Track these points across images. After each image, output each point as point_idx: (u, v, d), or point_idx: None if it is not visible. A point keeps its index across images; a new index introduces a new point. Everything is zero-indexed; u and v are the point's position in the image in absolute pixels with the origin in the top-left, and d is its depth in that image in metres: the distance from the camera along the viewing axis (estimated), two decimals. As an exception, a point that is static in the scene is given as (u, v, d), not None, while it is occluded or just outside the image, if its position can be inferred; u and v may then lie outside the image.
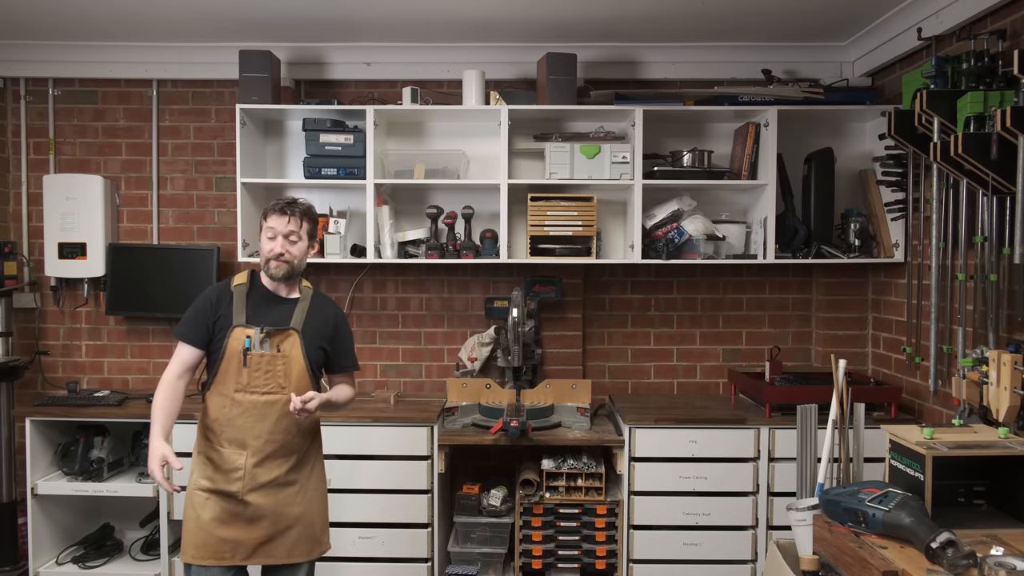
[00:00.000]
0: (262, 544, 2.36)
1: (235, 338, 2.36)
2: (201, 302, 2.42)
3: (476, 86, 3.49)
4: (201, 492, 2.35)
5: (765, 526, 3.21)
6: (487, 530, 3.36)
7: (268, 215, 2.41)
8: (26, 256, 3.86)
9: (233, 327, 2.36)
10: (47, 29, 3.54)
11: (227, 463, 2.34)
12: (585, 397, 3.53)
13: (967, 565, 1.72)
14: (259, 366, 2.35)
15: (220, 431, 2.36)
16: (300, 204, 2.45)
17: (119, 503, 3.66)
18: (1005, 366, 2.33)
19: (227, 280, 2.47)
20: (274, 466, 2.37)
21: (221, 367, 2.36)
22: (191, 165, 3.88)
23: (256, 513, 2.35)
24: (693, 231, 3.41)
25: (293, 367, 2.39)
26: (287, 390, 2.36)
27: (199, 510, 2.34)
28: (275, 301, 2.45)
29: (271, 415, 2.36)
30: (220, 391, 2.36)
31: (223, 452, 2.35)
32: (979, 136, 2.45)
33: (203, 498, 2.34)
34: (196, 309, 2.41)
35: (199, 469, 2.38)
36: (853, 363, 3.60)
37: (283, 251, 2.39)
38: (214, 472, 2.35)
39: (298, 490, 2.42)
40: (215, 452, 2.36)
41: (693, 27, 3.43)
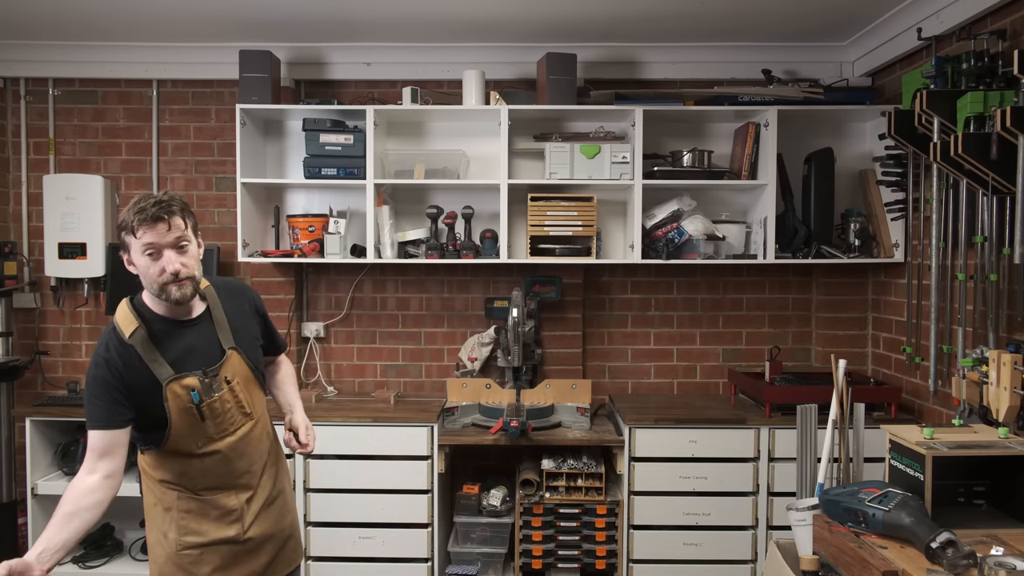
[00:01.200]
0: (269, 565, 2.10)
1: (174, 396, 1.88)
2: (100, 379, 1.85)
3: (476, 86, 3.49)
4: (190, 551, 1.96)
5: (765, 526, 3.21)
6: (487, 530, 3.36)
7: (137, 230, 1.83)
8: (26, 256, 3.86)
9: (165, 385, 1.87)
10: (47, 29, 3.54)
11: (216, 508, 1.98)
12: (585, 397, 3.53)
13: (967, 565, 1.72)
14: (218, 411, 1.94)
15: (193, 483, 1.96)
16: (171, 199, 1.88)
17: (119, 503, 3.60)
18: (1005, 366, 2.33)
19: (111, 335, 1.90)
20: (263, 490, 2.08)
21: (171, 433, 1.90)
22: (191, 165, 3.88)
23: (258, 543, 2.06)
24: (693, 231, 3.41)
25: (248, 387, 2.03)
26: (254, 413, 2.04)
27: (192, 569, 1.96)
28: (186, 328, 1.96)
29: (249, 446, 2.02)
30: (178, 451, 1.93)
31: (207, 499, 1.97)
32: (979, 136, 2.45)
33: (195, 555, 1.96)
34: (97, 388, 1.84)
35: (175, 528, 1.96)
36: (853, 363, 3.60)
37: (179, 266, 1.87)
38: (198, 522, 1.97)
39: (283, 499, 2.17)
40: (195, 502, 1.96)
41: (693, 27, 3.43)
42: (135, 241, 1.86)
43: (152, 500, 2.00)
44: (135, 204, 1.87)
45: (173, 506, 1.97)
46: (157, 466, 1.97)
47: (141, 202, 1.86)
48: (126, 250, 1.91)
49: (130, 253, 1.90)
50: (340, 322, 3.83)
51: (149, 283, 1.90)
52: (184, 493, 1.96)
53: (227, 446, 1.97)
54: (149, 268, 1.88)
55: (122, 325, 1.91)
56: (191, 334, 1.96)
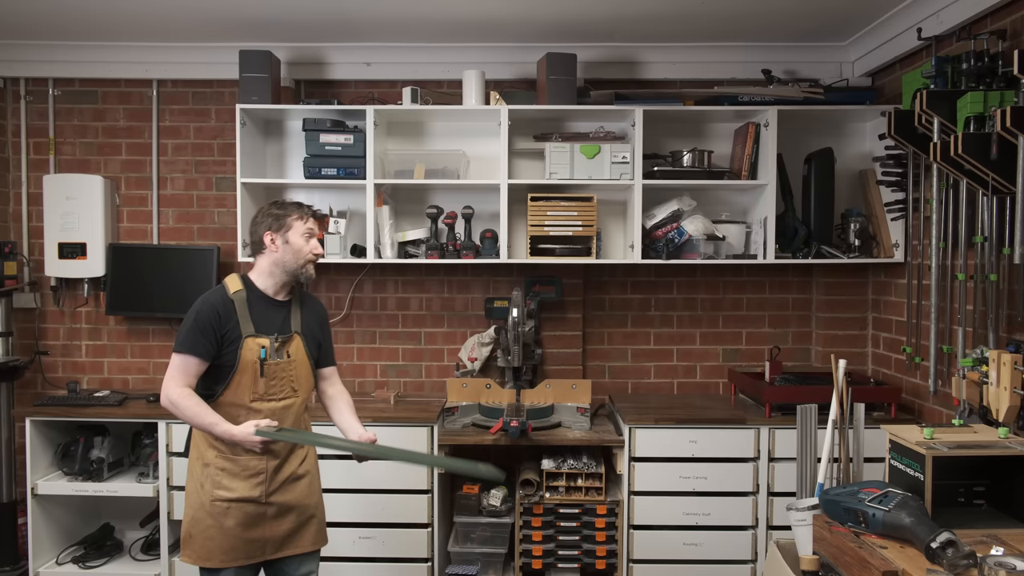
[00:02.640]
0: (289, 536, 2.39)
1: (248, 349, 2.30)
2: (204, 315, 2.28)
3: (476, 86, 3.49)
4: (220, 503, 2.29)
5: (765, 526, 3.21)
6: (487, 530, 3.36)
7: (306, 217, 2.40)
8: (26, 256, 3.86)
9: (244, 338, 2.30)
10: (47, 29, 3.54)
11: (247, 469, 2.31)
12: (585, 397, 3.53)
13: (967, 565, 1.72)
14: (275, 374, 2.34)
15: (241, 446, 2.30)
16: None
17: (119, 503, 3.67)
18: (1005, 366, 2.33)
19: (220, 289, 2.36)
20: (289, 465, 2.40)
21: (234, 379, 2.30)
22: (191, 165, 3.88)
23: (280, 510, 2.37)
24: (693, 231, 3.41)
25: (301, 370, 2.43)
26: (299, 393, 2.42)
27: (220, 519, 2.29)
28: (274, 305, 2.41)
29: (287, 419, 2.38)
30: (232, 402, 2.31)
31: (240, 459, 2.31)
32: (979, 136, 2.45)
33: (223, 507, 2.30)
34: (200, 322, 2.27)
35: (210, 482, 2.30)
36: (853, 363, 3.60)
37: (322, 251, 2.49)
38: (230, 480, 2.30)
39: (310, 481, 2.47)
40: (229, 461, 2.31)
41: (693, 27, 3.43)
42: (300, 224, 2.38)
43: (195, 455, 2.34)
44: (294, 202, 2.44)
45: (211, 463, 2.31)
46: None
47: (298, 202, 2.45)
48: (281, 229, 2.36)
49: (287, 232, 2.36)
50: (340, 322, 3.83)
51: (300, 258, 2.38)
52: (224, 454, 2.30)
53: (270, 409, 2.34)
54: (304, 246, 2.39)
55: (230, 285, 2.37)
56: (275, 311, 2.40)
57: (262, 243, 2.39)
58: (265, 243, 2.38)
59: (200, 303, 2.32)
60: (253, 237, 2.42)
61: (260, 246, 2.39)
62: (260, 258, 2.41)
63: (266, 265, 2.39)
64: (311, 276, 2.44)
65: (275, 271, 2.39)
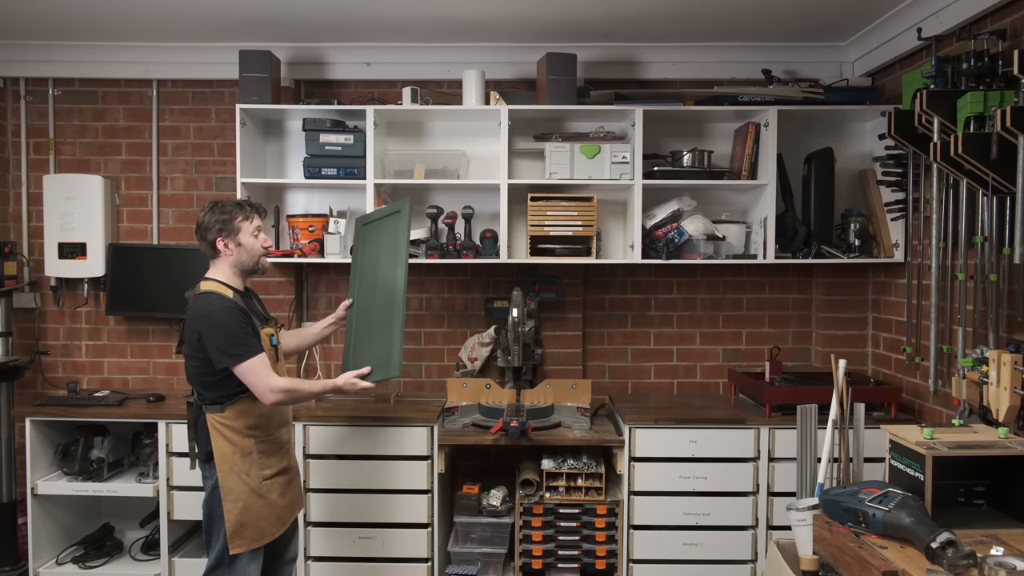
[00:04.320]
0: (299, 495, 2.71)
1: (263, 340, 2.50)
2: (236, 319, 2.43)
3: (476, 86, 3.49)
4: (267, 481, 2.52)
5: (765, 526, 3.21)
6: (487, 530, 3.36)
7: (251, 216, 2.54)
8: (26, 256, 3.86)
9: (260, 330, 2.51)
10: (47, 29, 3.54)
11: (281, 443, 2.60)
12: (585, 397, 3.53)
13: (967, 565, 1.72)
14: (279, 356, 2.64)
15: (270, 421, 2.55)
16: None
17: (119, 503, 3.67)
18: (1005, 366, 2.33)
19: (218, 296, 2.45)
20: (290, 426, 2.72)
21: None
22: (191, 165, 3.88)
23: (294, 472, 2.69)
24: (693, 231, 3.41)
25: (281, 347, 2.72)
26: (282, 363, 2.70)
27: (268, 495, 2.52)
28: (248, 298, 2.61)
29: None
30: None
31: (272, 436, 2.56)
32: (979, 136, 2.45)
33: (269, 484, 2.52)
34: (240, 325, 2.42)
35: (256, 467, 2.49)
36: (853, 363, 3.60)
37: (271, 243, 2.64)
38: (269, 458, 2.54)
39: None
40: (267, 442, 2.54)
41: (693, 27, 3.43)
42: (248, 225, 2.52)
43: (230, 450, 2.46)
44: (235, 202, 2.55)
45: (252, 450, 2.49)
46: (241, 415, 2.47)
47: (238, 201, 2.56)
48: (231, 233, 2.49)
49: (237, 235, 2.50)
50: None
51: (251, 256, 2.54)
52: (260, 437, 2.51)
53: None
54: (255, 244, 2.54)
55: (222, 291, 2.48)
56: (254, 303, 2.63)
57: (216, 249, 2.51)
58: (219, 249, 2.51)
59: (222, 313, 2.41)
60: (204, 246, 2.53)
61: (215, 252, 2.52)
62: (218, 263, 2.54)
63: (227, 268, 2.54)
64: (267, 268, 2.63)
65: (236, 271, 2.55)
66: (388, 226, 2.91)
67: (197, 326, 2.42)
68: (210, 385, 2.45)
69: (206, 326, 2.40)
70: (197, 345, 2.43)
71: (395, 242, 2.83)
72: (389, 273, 2.79)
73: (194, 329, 2.43)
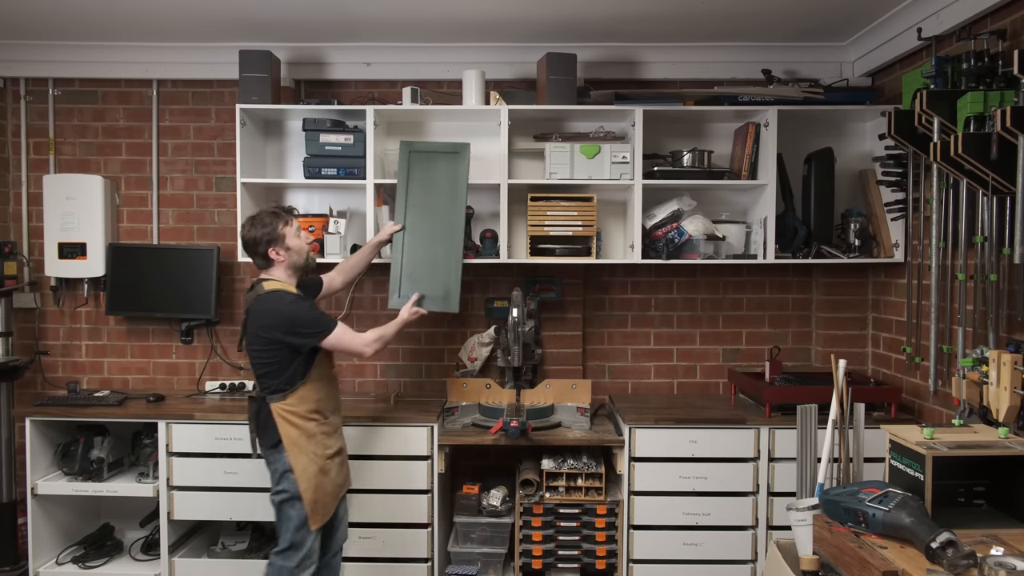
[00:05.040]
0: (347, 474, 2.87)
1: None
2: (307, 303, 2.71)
3: (476, 86, 3.49)
4: (329, 460, 2.71)
5: (765, 526, 3.21)
6: (487, 530, 3.36)
7: (290, 221, 2.74)
8: (26, 256, 3.86)
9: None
10: (47, 29, 3.54)
11: (335, 426, 2.80)
12: (585, 397, 3.54)
13: (967, 565, 1.72)
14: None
15: (326, 406, 2.74)
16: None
17: (119, 503, 3.67)
18: (1005, 366, 2.33)
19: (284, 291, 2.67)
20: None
21: (321, 355, 2.73)
22: (191, 165, 3.88)
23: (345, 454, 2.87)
24: (693, 231, 3.41)
25: None
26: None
27: (331, 473, 2.72)
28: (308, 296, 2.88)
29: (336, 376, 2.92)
30: (320, 374, 2.72)
31: (330, 420, 2.76)
32: (979, 136, 2.45)
33: (331, 463, 2.73)
34: (312, 308, 2.71)
35: (320, 447, 2.69)
36: (853, 363, 3.60)
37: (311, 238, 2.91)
38: (328, 439, 2.73)
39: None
40: (326, 425, 2.73)
41: (693, 27, 3.43)
42: (290, 229, 2.72)
43: (296, 434, 2.65)
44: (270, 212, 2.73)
45: (316, 432, 2.69)
46: (304, 400, 2.67)
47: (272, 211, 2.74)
48: (278, 241, 2.69)
49: (284, 241, 2.70)
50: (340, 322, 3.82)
51: (300, 255, 2.75)
52: (321, 420, 2.71)
53: (335, 371, 2.87)
54: (301, 244, 2.75)
55: (286, 288, 2.70)
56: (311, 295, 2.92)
57: (269, 259, 2.71)
58: (272, 258, 2.71)
59: (294, 303, 2.65)
60: (257, 259, 2.73)
61: (269, 261, 2.72)
62: (274, 269, 2.74)
63: (283, 272, 2.74)
64: (315, 262, 2.89)
65: (290, 272, 2.76)
66: (444, 165, 3.14)
67: (271, 320, 2.61)
68: (276, 374, 2.64)
69: (282, 319, 2.61)
70: (269, 338, 2.61)
71: (455, 187, 3.12)
72: (449, 215, 3.09)
73: (267, 325, 2.61)
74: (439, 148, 3.19)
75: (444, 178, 3.13)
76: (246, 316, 2.70)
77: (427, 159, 3.16)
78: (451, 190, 3.11)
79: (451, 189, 3.11)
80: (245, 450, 3.26)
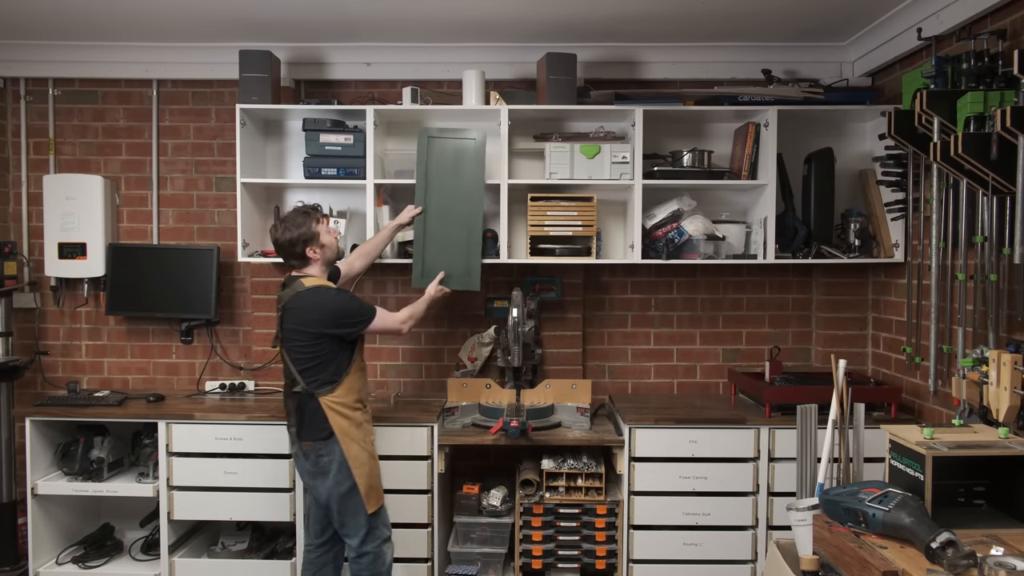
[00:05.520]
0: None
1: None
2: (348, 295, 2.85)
3: (476, 86, 3.49)
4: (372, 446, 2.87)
5: (765, 526, 3.21)
6: (487, 530, 3.36)
7: (320, 219, 2.86)
8: (26, 256, 3.86)
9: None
10: (47, 29, 3.54)
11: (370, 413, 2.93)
12: (585, 397, 3.54)
13: (967, 565, 1.72)
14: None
15: (364, 395, 2.89)
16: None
17: (119, 503, 3.67)
18: (1005, 366, 2.33)
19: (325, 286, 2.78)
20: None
21: (360, 346, 2.87)
22: (191, 165, 3.88)
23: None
24: (693, 231, 3.41)
25: None
26: None
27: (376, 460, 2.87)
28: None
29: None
30: (359, 365, 2.86)
31: (368, 408, 2.91)
32: (979, 136, 2.45)
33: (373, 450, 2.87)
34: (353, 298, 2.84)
35: (365, 435, 2.84)
36: (853, 363, 3.60)
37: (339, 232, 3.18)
38: (369, 426, 2.89)
39: None
40: (366, 413, 2.89)
41: (692, 27, 3.43)
42: (322, 227, 2.84)
43: (347, 424, 2.77)
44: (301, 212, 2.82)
45: (362, 420, 2.85)
46: (350, 391, 2.80)
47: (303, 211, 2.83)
48: (314, 239, 2.80)
49: (319, 238, 2.81)
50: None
51: (333, 250, 2.88)
52: (362, 410, 2.86)
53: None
54: (332, 240, 2.88)
55: (325, 283, 2.82)
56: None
57: (307, 258, 2.81)
58: (309, 256, 2.81)
59: (337, 294, 2.79)
60: (294, 260, 2.82)
61: (306, 260, 2.82)
62: (311, 267, 2.84)
63: (318, 268, 2.86)
64: (344, 252, 3.11)
65: (324, 267, 2.88)
66: (462, 149, 3.34)
67: (318, 315, 2.71)
68: (323, 367, 2.73)
69: (330, 312, 2.72)
70: (317, 333, 2.71)
71: (475, 170, 3.32)
72: (468, 197, 3.31)
73: (315, 320, 2.71)
74: (451, 134, 3.36)
75: (462, 161, 3.34)
76: (282, 314, 2.77)
77: (442, 144, 3.34)
78: (470, 172, 3.32)
79: (470, 171, 3.32)
80: (245, 450, 3.27)
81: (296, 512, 3.26)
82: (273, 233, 2.83)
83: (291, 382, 2.79)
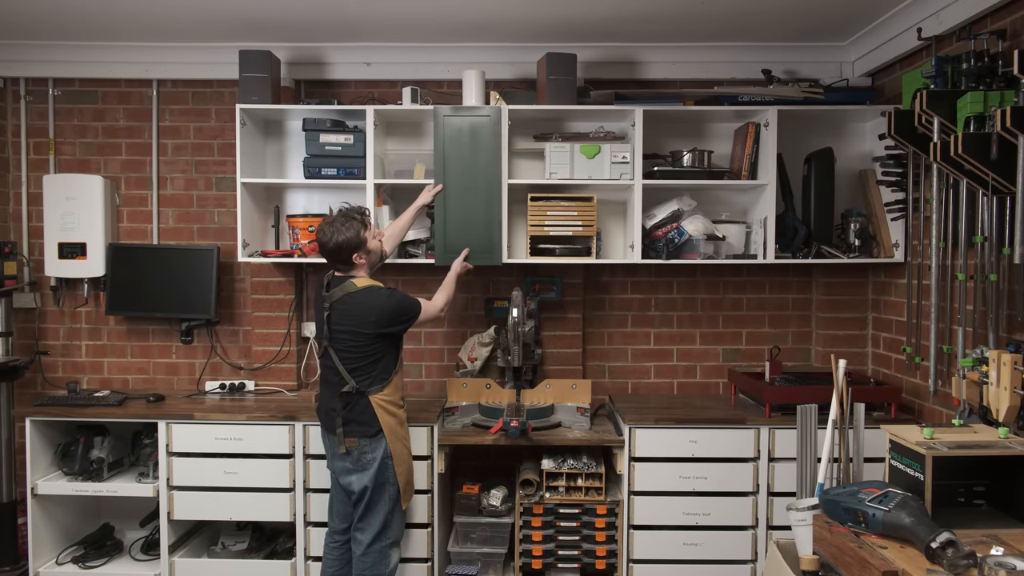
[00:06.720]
0: None
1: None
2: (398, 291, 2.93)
3: (476, 86, 3.48)
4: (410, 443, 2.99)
5: (765, 526, 3.21)
6: (487, 530, 3.36)
7: (367, 225, 2.90)
8: (26, 256, 3.86)
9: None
10: (47, 29, 3.54)
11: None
12: (585, 397, 3.54)
13: (967, 565, 1.72)
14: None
15: (403, 394, 2.98)
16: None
17: (119, 503, 3.67)
18: (1005, 366, 2.33)
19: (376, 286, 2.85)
20: None
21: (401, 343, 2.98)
22: (191, 165, 3.88)
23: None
24: (693, 231, 3.41)
25: None
26: None
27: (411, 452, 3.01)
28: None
29: None
30: (402, 365, 2.99)
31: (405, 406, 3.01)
32: (979, 136, 2.45)
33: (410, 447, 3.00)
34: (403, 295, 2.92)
35: (406, 432, 2.97)
36: (853, 363, 3.60)
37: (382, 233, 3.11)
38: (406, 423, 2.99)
39: None
40: (405, 412, 2.99)
41: (692, 27, 3.43)
42: (368, 233, 2.88)
43: (394, 422, 2.88)
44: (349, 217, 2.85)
45: (404, 419, 2.97)
46: (396, 389, 2.91)
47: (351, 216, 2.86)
48: (363, 246, 2.86)
49: (367, 245, 2.87)
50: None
51: (378, 255, 2.98)
52: (403, 406, 2.97)
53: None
54: (378, 246, 2.96)
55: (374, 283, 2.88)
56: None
57: (352, 263, 2.88)
58: (355, 262, 2.88)
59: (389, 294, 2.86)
60: (340, 264, 2.88)
61: (352, 265, 2.88)
62: (358, 270, 2.90)
63: (365, 271, 2.93)
64: (388, 254, 3.14)
65: (368, 271, 2.95)
66: (478, 126, 3.35)
67: (376, 316, 2.78)
68: (375, 365, 2.82)
69: (387, 312, 2.81)
70: (375, 333, 2.79)
71: (492, 144, 3.34)
72: (487, 174, 3.34)
73: (374, 320, 2.78)
74: (467, 112, 3.36)
75: (479, 136, 3.35)
76: (330, 314, 2.82)
77: (458, 123, 3.36)
78: (487, 146, 3.35)
79: (487, 145, 3.35)
80: (245, 450, 3.27)
81: (296, 512, 3.26)
82: (320, 236, 2.85)
83: (338, 381, 2.83)
